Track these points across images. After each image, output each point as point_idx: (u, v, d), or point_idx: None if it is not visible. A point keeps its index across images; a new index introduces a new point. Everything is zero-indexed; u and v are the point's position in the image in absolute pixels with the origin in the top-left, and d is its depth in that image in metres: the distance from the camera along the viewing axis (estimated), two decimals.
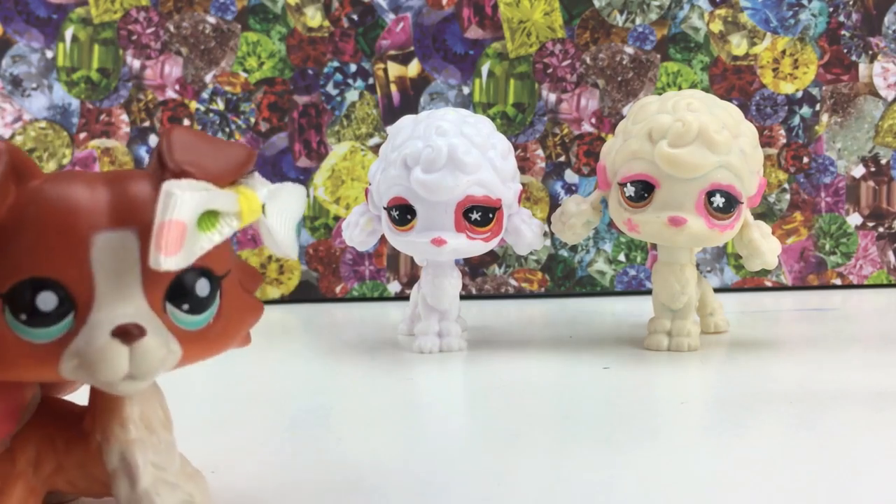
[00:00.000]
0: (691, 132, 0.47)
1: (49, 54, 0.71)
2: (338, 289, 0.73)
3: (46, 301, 0.21)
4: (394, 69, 0.72)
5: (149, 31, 0.71)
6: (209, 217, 0.22)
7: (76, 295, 0.22)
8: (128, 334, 0.21)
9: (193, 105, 0.71)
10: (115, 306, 0.22)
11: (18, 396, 0.24)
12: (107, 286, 0.22)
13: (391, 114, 0.71)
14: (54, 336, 0.22)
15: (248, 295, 0.25)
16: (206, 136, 0.24)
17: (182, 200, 0.21)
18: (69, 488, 0.25)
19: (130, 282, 0.22)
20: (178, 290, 0.23)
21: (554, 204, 0.73)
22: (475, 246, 0.50)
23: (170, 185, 0.22)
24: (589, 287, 0.74)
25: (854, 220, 0.74)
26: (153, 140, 0.71)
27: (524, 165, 0.72)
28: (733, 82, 0.73)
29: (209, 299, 0.23)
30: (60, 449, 0.24)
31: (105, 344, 0.21)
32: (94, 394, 0.24)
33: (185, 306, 0.23)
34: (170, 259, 0.21)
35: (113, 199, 0.22)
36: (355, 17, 0.72)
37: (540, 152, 0.73)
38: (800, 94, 0.74)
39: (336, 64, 0.72)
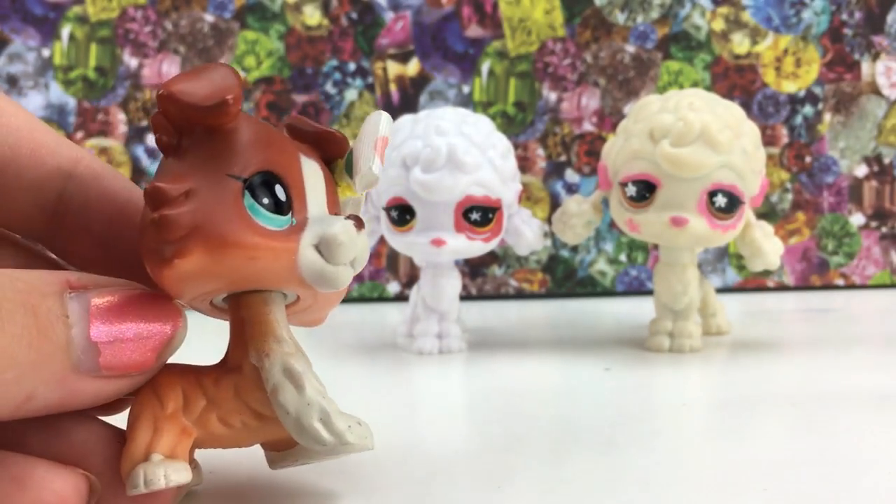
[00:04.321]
0: (693, 131, 0.47)
1: (46, 53, 0.70)
2: None
3: (280, 192, 0.25)
4: (393, 68, 0.72)
5: (146, 29, 0.71)
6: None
7: (294, 195, 0.25)
8: (359, 221, 0.25)
9: None
10: (321, 210, 0.26)
11: (173, 311, 0.25)
12: (310, 195, 0.25)
13: (390, 113, 0.71)
14: (283, 226, 0.24)
15: None
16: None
17: (389, 120, 0.26)
18: (220, 428, 0.25)
19: (321, 199, 0.26)
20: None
21: (554, 204, 0.72)
22: (475, 246, 0.50)
23: (380, 112, 0.27)
24: (590, 288, 0.74)
25: (857, 220, 0.74)
26: (150, 139, 0.71)
27: (525, 165, 0.72)
28: (735, 81, 0.73)
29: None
30: (209, 386, 0.25)
31: (345, 225, 0.25)
32: (239, 328, 0.26)
33: None
34: (380, 167, 0.26)
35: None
36: (354, 15, 0.72)
37: (540, 152, 0.73)
38: (802, 93, 0.73)
39: (335, 63, 0.72)
